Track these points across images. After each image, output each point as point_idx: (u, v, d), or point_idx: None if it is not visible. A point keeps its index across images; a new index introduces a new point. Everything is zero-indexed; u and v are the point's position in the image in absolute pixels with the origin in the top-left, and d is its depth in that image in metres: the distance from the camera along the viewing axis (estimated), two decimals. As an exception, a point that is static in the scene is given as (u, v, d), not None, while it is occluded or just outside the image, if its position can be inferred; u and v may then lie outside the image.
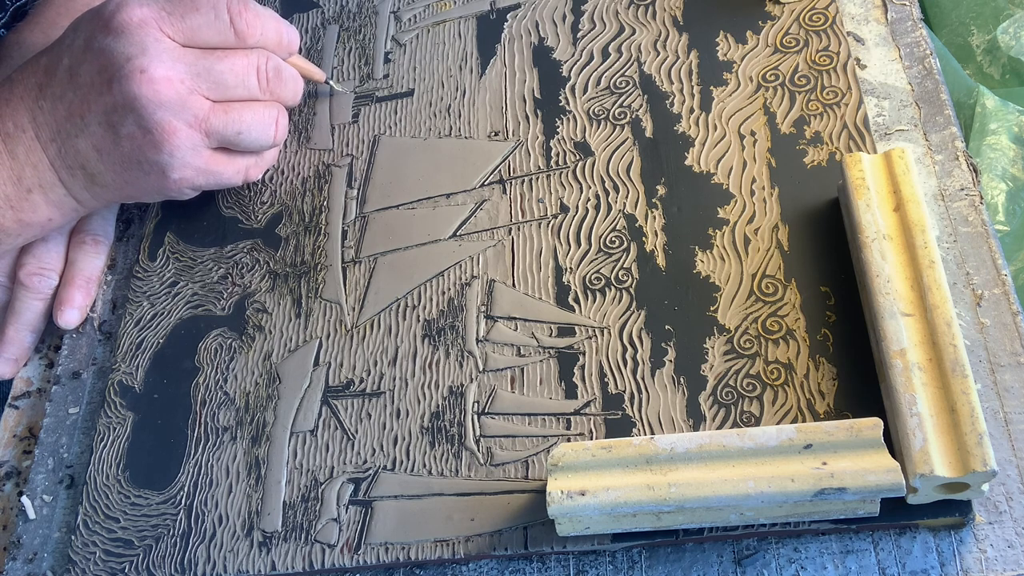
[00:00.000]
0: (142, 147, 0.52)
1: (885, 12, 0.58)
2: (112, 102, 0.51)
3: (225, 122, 0.53)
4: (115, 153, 0.52)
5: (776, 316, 0.49)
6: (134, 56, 0.50)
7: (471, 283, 0.55)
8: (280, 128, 0.57)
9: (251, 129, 0.55)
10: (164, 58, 0.51)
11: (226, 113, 0.53)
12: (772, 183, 0.53)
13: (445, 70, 0.64)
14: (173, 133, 0.51)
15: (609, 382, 0.50)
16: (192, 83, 0.52)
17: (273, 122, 0.56)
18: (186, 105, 0.51)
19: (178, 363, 0.57)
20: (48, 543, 0.54)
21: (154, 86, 0.50)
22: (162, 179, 0.53)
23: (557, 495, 0.43)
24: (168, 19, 0.51)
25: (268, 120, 0.55)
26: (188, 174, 0.54)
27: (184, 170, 0.53)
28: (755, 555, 0.44)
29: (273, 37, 0.55)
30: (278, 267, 0.59)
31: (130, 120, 0.51)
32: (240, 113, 0.54)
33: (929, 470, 0.40)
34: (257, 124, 0.55)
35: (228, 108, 0.53)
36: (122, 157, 0.52)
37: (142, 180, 0.54)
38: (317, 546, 0.49)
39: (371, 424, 0.52)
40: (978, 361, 0.46)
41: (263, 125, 0.55)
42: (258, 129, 0.55)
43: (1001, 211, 0.74)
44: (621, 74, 0.60)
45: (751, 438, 0.42)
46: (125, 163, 0.53)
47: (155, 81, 0.50)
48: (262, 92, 0.55)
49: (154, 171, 0.53)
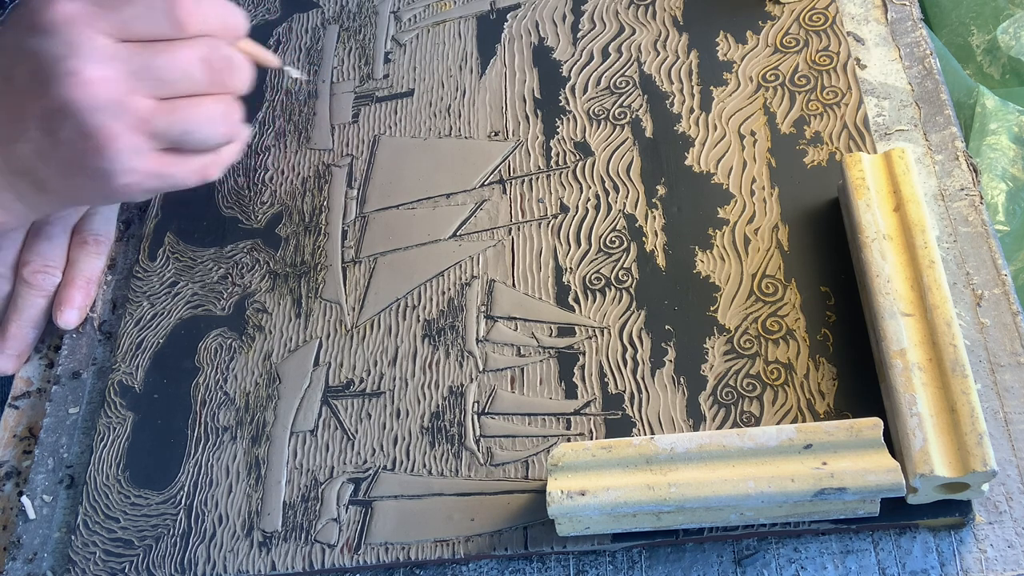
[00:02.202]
0: (83, 153, 0.48)
1: (885, 12, 0.58)
2: (48, 106, 0.47)
3: (170, 122, 0.48)
4: (56, 159, 0.49)
5: (776, 316, 0.49)
6: (64, 57, 0.46)
7: (471, 283, 0.55)
8: (235, 124, 0.52)
9: (200, 127, 0.50)
10: (97, 57, 0.46)
11: (171, 113, 0.49)
12: (772, 183, 0.53)
13: (445, 70, 0.64)
14: (114, 138, 0.47)
15: (609, 382, 0.50)
16: (130, 82, 0.47)
17: (226, 118, 0.51)
18: (125, 107, 0.47)
19: (178, 363, 0.57)
20: (48, 543, 0.54)
21: (88, 89, 0.46)
22: (107, 185, 0.49)
23: (557, 495, 0.43)
24: (99, 13, 0.47)
25: (218, 116, 0.50)
26: (135, 179, 0.50)
27: (131, 175, 0.49)
28: (755, 555, 0.44)
29: (217, 23, 0.50)
30: (278, 267, 0.59)
31: (68, 125, 0.47)
32: (187, 111, 0.49)
33: (929, 470, 0.40)
34: (206, 121, 0.50)
35: (174, 107, 0.49)
36: (64, 163, 0.49)
37: (88, 186, 0.50)
38: (317, 546, 0.49)
39: (371, 424, 0.52)
40: (978, 361, 0.46)
41: (213, 122, 0.50)
42: (208, 127, 0.50)
43: (1001, 211, 0.74)
44: (621, 74, 0.60)
45: (751, 438, 0.42)
46: (68, 169, 0.49)
47: (89, 83, 0.46)
48: (211, 85, 0.49)
49: (99, 177, 0.49)
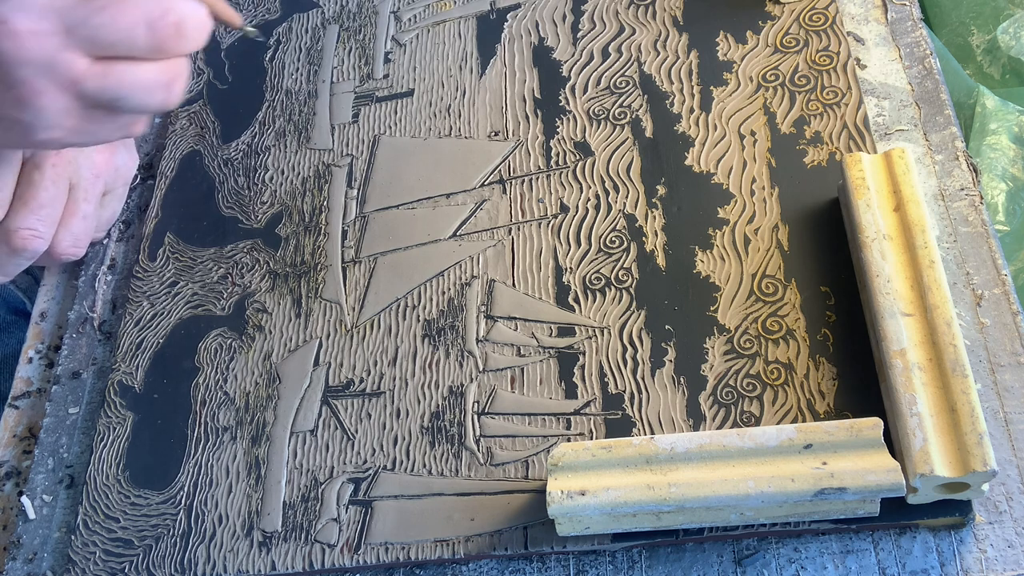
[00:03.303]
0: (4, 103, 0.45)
1: (885, 12, 0.58)
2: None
3: (102, 86, 0.45)
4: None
5: (776, 316, 0.49)
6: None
7: (471, 283, 0.55)
8: (174, 93, 0.47)
9: (135, 95, 0.46)
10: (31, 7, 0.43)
11: (104, 76, 0.45)
12: (772, 183, 0.53)
13: (445, 70, 0.64)
14: (38, 94, 0.44)
15: (609, 382, 0.50)
16: (65, 38, 0.44)
17: (164, 87, 0.47)
18: (55, 64, 0.44)
19: (178, 363, 0.57)
20: (48, 543, 0.54)
21: (16, 40, 0.43)
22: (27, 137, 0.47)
23: (557, 495, 0.43)
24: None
25: (156, 86, 0.46)
26: (57, 135, 0.47)
27: (53, 131, 0.46)
28: (755, 555, 0.44)
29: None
30: (278, 267, 0.59)
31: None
32: (121, 76, 0.45)
33: (929, 470, 0.40)
34: (141, 89, 0.46)
35: (108, 69, 0.45)
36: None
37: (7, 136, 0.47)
38: (317, 546, 0.49)
39: (371, 424, 0.52)
40: (978, 361, 0.46)
41: (149, 91, 0.46)
42: (143, 95, 0.46)
43: (1001, 211, 0.74)
44: (621, 74, 0.60)
45: (751, 438, 0.42)
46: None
47: (18, 35, 0.43)
48: (153, 51, 0.45)
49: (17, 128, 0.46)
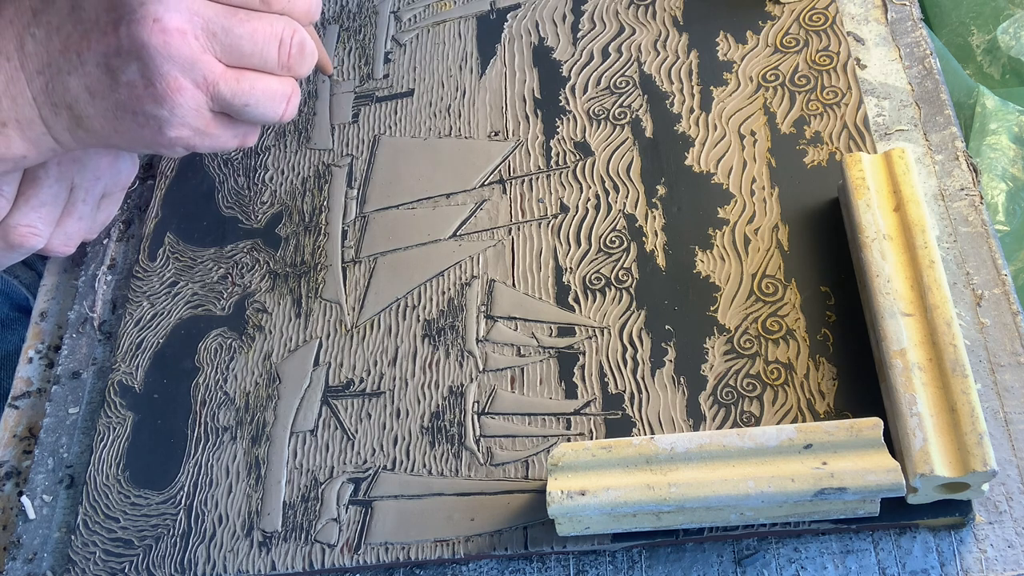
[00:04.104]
0: (141, 98, 0.48)
1: (885, 12, 0.58)
2: (116, 45, 0.47)
3: (235, 91, 0.49)
4: (110, 98, 0.49)
5: (776, 316, 0.49)
6: (148, 1, 0.46)
7: (471, 283, 0.55)
8: (291, 106, 0.52)
9: (260, 104, 0.51)
10: (181, 8, 0.47)
11: (237, 82, 0.49)
12: (772, 183, 0.53)
13: (445, 70, 0.64)
14: (178, 90, 0.48)
15: (609, 382, 0.50)
16: (206, 41, 0.48)
17: (285, 100, 0.52)
18: (197, 64, 0.48)
19: (178, 363, 0.57)
20: (48, 543, 0.54)
21: (166, 37, 0.46)
22: (157, 134, 0.50)
23: (557, 495, 0.43)
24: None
25: (280, 97, 0.51)
26: (185, 133, 0.50)
27: (182, 129, 0.50)
28: (755, 555, 0.44)
29: (303, 6, 0.51)
30: (278, 267, 0.59)
31: (133, 67, 0.47)
32: (253, 84, 0.50)
33: (929, 470, 0.40)
34: (267, 100, 0.51)
35: (240, 76, 0.49)
36: (116, 104, 0.49)
37: (134, 131, 0.50)
38: (317, 546, 0.49)
39: (371, 424, 0.52)
40: (978, 361, 0.46)
41: (273, 102, 0.51)
42: (267, 104, 0.51)
43: (1001, 211, 0.74)
44: (621, 74, 0.60)
45: (751, 438, 0.42)
46: (119, 111, 0.49)
47: (168, 32, 0.46)
48: (280, 67, 0.51)
49: (150, 124, 0.49)
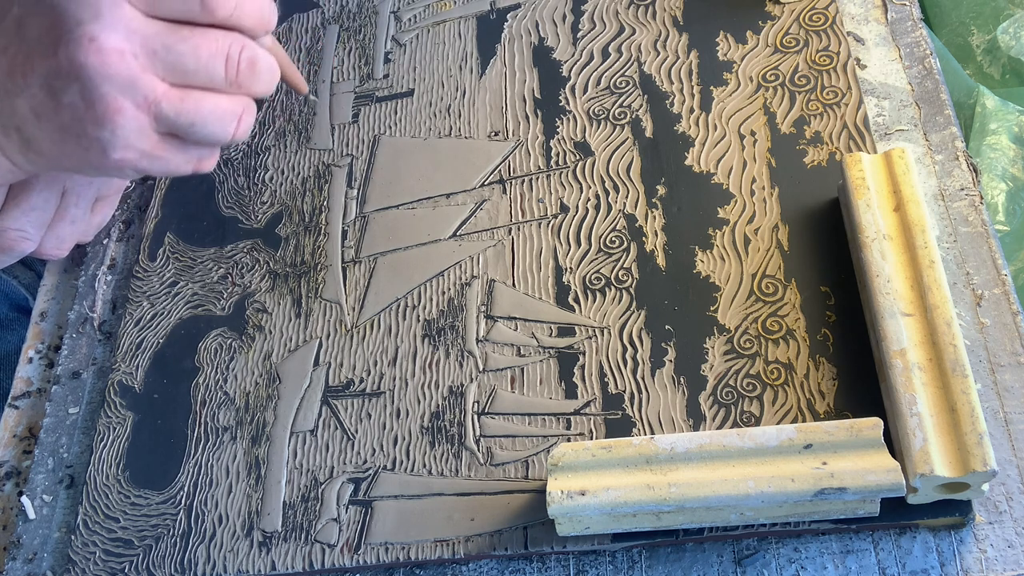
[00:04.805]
0: (83, 120, 0.47)
1: (885, 12, 0.58)
2: (56, 66, 0.46)
3: (178, 110, 0.47)
4: (54, 120, 0.48)
5: (776, 316, 0.49)
6: (85, 20, 0.45)
7: (471, 283, 0.55)
8: (242, 125, 0.50)
9: (207, 123, 0.48)
10: (119, 27, 0.45)
11: (181, 101, 0.47)
12: (772, 183, 0.53)
13: (445, 70, 0.64)
14: (118, 111, 0.46)
15: (609, 382, 0.50)
16: (146, 60, 0.46)
17: (235, 119, 0.49)
18: (136, 84, 0.46)
19: (178, 363, 0.57)
20: (48, 543, 0.54)
21: (102, 57, 0.45)
22: (102, 157, 0.48)
23: (557, 495, 0.43)
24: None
25: (229, 116, 0.49)
26: (130, 156, 0.48)
27: (126, 151, 0.48)
28: (755, 555, 0.44)
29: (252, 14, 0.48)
30: (278, 267, 0.59)
31: (73, 89, 0.46)
32: (198, 103, 0.48)
33: (929, 470, 0.40)
34: (214, 119, 0.48)
35: (185, 95, 0.47)
36: (61, 126, 0.48)
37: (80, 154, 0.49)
38: (317, 546, 0.49)
39: (371, 424, 0.52)
40: (978, 361, 0.46)
41: (222, 121, 0.49)
42: (215, 124, 0.48)
43: (1001, 211, 0.74)
44: (621, 74, 0.60)
45: (751, 438, 0.42)
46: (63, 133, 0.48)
47: (104, 52, 0.45)
48: (228, 84, 0.48)
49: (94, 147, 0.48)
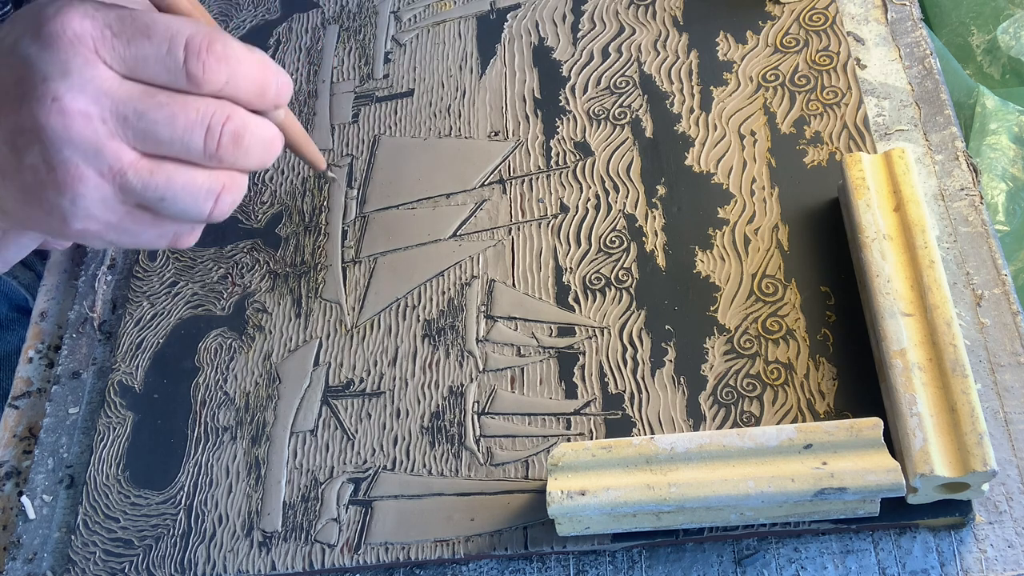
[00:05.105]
0: (44, 183, 0.43)
1: (885, 12, 0.58)
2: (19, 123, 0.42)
3: (146, 183, 0.43)
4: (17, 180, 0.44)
5: (776, 316, 0.49)
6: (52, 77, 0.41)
7: (471, 283, 0.55)
8: (221, 204, 0.45)
9: (178, 199, 0.44)
10: (87, 88, 0.41)
11: (151, 173, 0.43)
12: (772, 183, 0.53)
13: (445, 70, 0.64)
14: (79, 179, 0.42)
15: (609, 382, 0.50)
16: (116, 126, 0.42)
17: (212, 196, 0.44)
18: (101, 151, 0.42)
19: (178, 363, 0.57)
20: (48, 543, 0.54)
21: (66, 120, 0.41)
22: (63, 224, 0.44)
23: (557, 495, 0.43)
24: (110, 40, 0.42)
25: (205, 193, 0.44)
26: (93, 227, 0.44)
27: (88, 222, 0.44)
28: (755, 555, 0.44)
29: (249, 88, 0.44)
30: (278, 267, 0.59)
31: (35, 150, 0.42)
32: (170, 176, 0.43)
33: (929, 470, 0.40)
34: (187, 194, 0.44)
35: (156, 167, 0.43)
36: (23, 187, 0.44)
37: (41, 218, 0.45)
38: (317, 546, 0.49)
39: (371, 424, 0.52)
40: (978, 361, 0.46)
41: (195, 198, 0.44)
42: (187, 200, 0.44)
43: (1001, 211, 0.74)
44: (621, 74, 0.60)
45: (751, 438, 0.42)
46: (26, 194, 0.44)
47: (68, 114, 0.41)
48: (206, 157, 0.44)
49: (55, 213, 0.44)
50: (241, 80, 0.43)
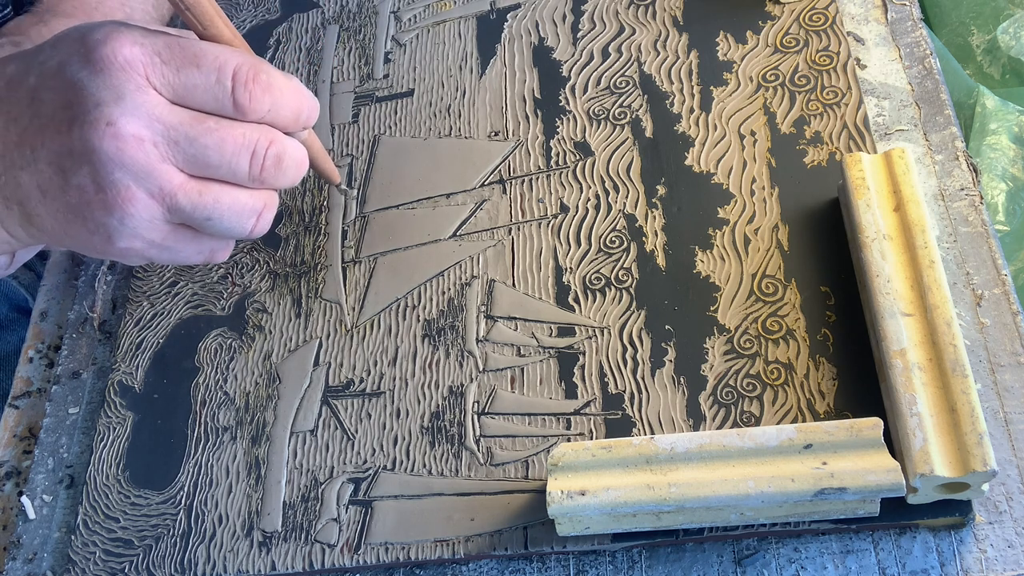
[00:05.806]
0: (91, 203, 0.44)
1: (885, 12, 0.58)
2: (68, 146, 0.43)
3: (195, 204, 0.45)
4: (60, 200, 0.45)
5: (776, 316, 0.49)
6: (105, 102, 0.43)
7: (471, 283, 0.55)
8: (262, 222, 0.48)
9: (224, 218, 0.46)
10: (140, 113, 0.43)
11: (200, 194, 0.45)
12: (772, 183, 0.53)
13: (445, 70, 0.64)
14: (130, 200, 0.44)
15: (609, 382, 0.50)
16: (167, 150, 0.44)
17: (255, 215, 0.47)
18: (153, 173, 0.44)
19: (178, 363, 0.57)
20: (48, 543, 0.54)
21: (119, 143, 0.43)
22: (106, 243, 0.46)
23: (557, 495, 0.43)
24: (160, 67, 0.43)
25: (249, 212, 0.47)
26: (137, 245, 0.46)
27: (133, 240, 0.46)
28: (755, 555, 0.44)
29: (287, 115, 0.46)
30: (278, 267, 0.59)
31: (84, 171, 0.43)
32: (217, 197, 0.45)
33: (929, 470, 0.40)
34: (232, 214, 0.46)
35: (204, 188, 0.45)
36: (67, 207, 0.45)
37: (84, 236, 0.46)
38: (317, 546, 0.49)
39: (371, 424, 0.52)
40: (978, 361, 0.46)
41: (240, 217, 0.46)
42: (233, 220, 0.46)
43: (1001, 211, 0.74)
44: (621, 74, 0.60)
45: (751, 438, 0.42)
46: (69, 214, 0.45)
47: (122, 138, 0.42)
48: (251, 180, 0.46)
49: (99, 232, 0.45)
50: (282, 108, 0.45)
